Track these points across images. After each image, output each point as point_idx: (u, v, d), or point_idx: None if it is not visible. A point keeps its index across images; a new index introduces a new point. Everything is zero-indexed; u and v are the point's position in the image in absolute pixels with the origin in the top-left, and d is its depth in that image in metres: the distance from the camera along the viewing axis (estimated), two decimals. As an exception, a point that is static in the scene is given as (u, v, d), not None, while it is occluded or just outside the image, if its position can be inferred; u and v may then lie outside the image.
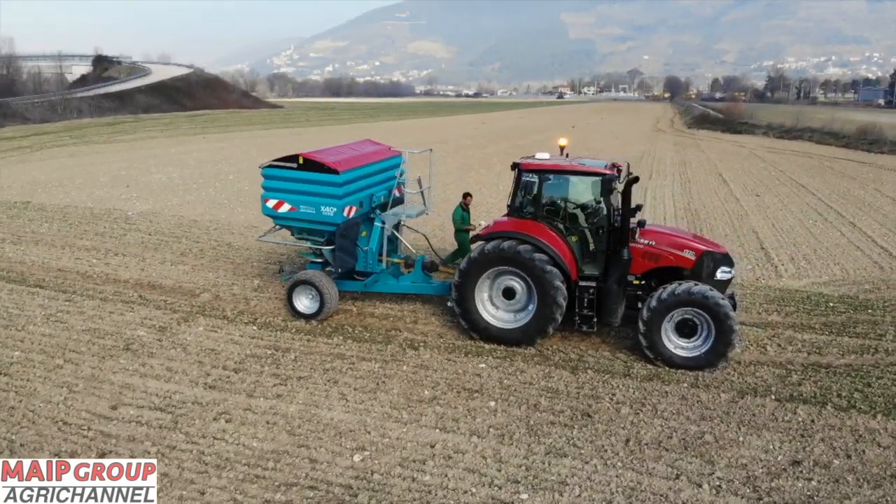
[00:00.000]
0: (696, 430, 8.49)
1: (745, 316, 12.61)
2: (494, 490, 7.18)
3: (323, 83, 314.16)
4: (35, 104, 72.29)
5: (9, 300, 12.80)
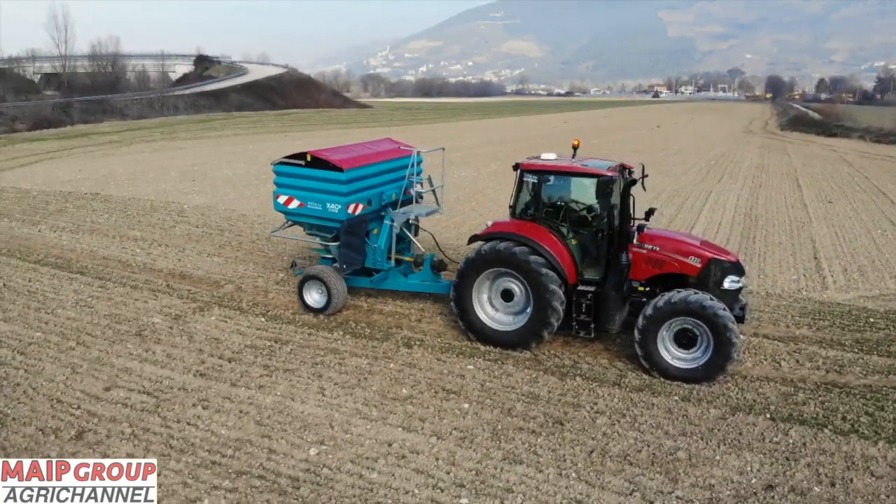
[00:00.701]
0: (671, 445, 8.10)
1: (772, 328, 11.92)
2: (436, 493, 7.11)
3: (415, 83, 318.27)
4: (134, 101, 76.82)
5: (48, 284, 13.71)
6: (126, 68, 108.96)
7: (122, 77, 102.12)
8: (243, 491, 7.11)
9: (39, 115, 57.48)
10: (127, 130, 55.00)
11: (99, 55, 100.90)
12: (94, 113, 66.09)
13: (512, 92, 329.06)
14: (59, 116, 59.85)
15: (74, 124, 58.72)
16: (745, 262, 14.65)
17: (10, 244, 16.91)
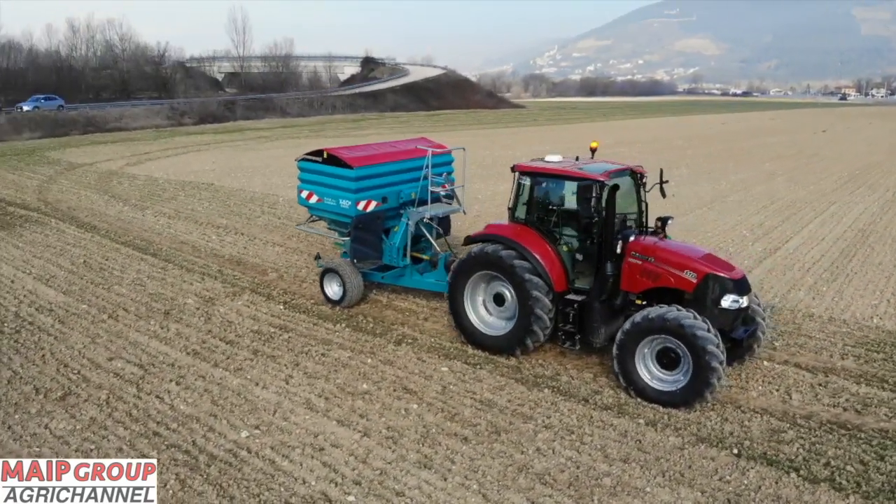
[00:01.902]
0: (603, 470, 7.56)
1: (810, 357, 10.68)
2: (329, 487, 7.18)
3: (579, 83, 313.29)
4: (296, 100, 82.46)
5: (120, 263, 15.29)
6: (297, 69, 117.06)
7: (292, 77, 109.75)
8: (164, 462, 7.59)
9: (206, 111, 63.57)
10: (280, 127, 59.19)
11: (270, 56, 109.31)
12: (257, 110, 71.96)
13: (683, 91, 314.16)
14: (224, 113, 65.79)
15: (236, 120, 64.31)
16: (765, 282, 13.32)
17: (112, 226, 19.00)
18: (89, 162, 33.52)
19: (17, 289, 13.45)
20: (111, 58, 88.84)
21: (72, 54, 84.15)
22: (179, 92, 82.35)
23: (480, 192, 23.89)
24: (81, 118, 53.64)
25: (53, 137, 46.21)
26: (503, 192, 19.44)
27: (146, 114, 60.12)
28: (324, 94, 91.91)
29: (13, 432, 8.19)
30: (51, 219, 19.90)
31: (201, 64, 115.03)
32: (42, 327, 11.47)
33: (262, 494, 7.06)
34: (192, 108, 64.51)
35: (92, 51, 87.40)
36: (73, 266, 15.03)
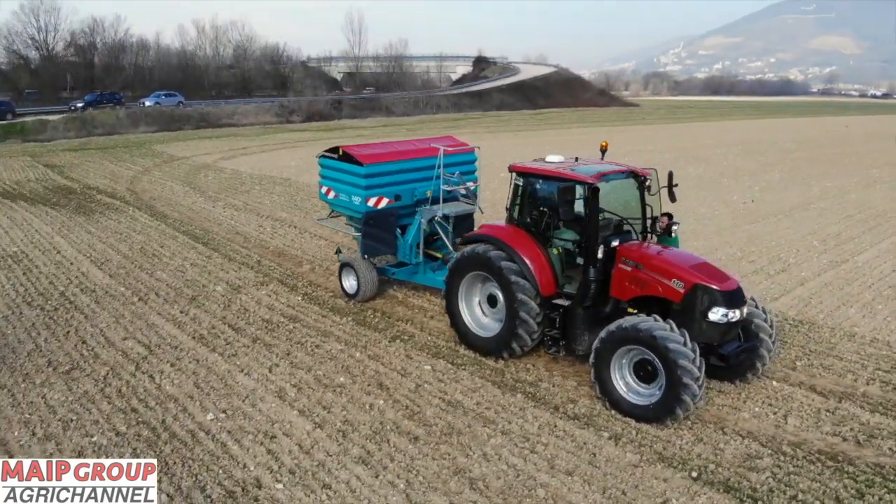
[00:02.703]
0: (543, 481, 7.31)
1: (831, 379, 9.85)
2: (264, 473, 7.38)
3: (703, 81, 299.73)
4: (402, 99, 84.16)
5: (172, 250, 16.30)
6: (410, 69, 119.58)
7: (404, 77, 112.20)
8: (129, 437, 8.07)
9: (313, 110, 66.13)
10: (381, 126, 60.60)
11: (384, 56, 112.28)
12: (364, 109, 74.07)
13: (818, 91, 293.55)
14: (331, 111, 68.21)
15: (341, 119, 66.49)
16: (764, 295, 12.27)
17: (182, 215, 20.26)
18: (188, 155, 35.83)
19: (72, 270, 14.65)
20: (233, 57, 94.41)
21: (196, 53, 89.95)
22: (298, 91, 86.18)
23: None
24: (196, 114, 57.32)
25: (167, 132, 49.65)
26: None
27: (257, 111, 63.35)
28: (430, 93, 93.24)
29: (14, 400, 8.96)
30: (129, 207, 21.49)
31: (321, 64, 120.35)
32: (78, 306, 12.44)
33: (201, 474, 7.36)
34: (300, 106, 67.31)
35: (215, 50, 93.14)
36: (130, 251, 16.17)
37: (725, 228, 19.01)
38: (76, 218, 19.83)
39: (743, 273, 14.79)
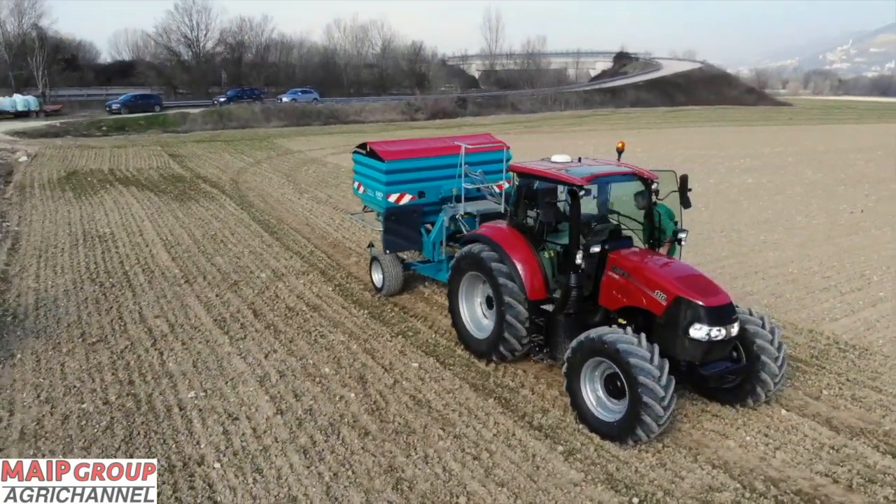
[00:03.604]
0: (472, 489, 7.13)
1: (853, 413, 8.84)
2: (208, 450, 7.71)
3: (870, 81, 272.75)
4: (531, 96, 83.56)
5: (238, 238, 17.31)
6: (547, 65, 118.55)
7: (540, 74, 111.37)
8: (113, 407, 8.72)
9: (438, 107, 67.22)
10: (500, 124, 60.50)
11: (520, 53, 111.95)
12: (489, 107, 74.39)
13: None
14: (456, 109, 69.05)
15: (465, 116, 67.15)
16: None
17: (266, 205, 21.45)
18: (303, 150, 37.71)
19: (144, 252, 15.96)
20: (372, 55, 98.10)
21: (337, 52, 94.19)
22: (434, 89, 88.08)
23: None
24: (326, 111, 60.14)
25: (296, 126, 52.50)
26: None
27: (384, 108, 65.40)
28: (560, 90, 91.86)
29: (37, 364, 9.95)
30: (224, 196, 23.01)
31: (460, 62, 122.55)
32: (132, 285, 13.55)
33: (154, 446, 7.83)
34: (426, 103, 68.69)
35: (355, 49, 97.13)
36: (202, 237, 17.35)
37: (813, 240, 17.34)
38: (171, 204, 21.55)
39: (810, 289, 13.53)
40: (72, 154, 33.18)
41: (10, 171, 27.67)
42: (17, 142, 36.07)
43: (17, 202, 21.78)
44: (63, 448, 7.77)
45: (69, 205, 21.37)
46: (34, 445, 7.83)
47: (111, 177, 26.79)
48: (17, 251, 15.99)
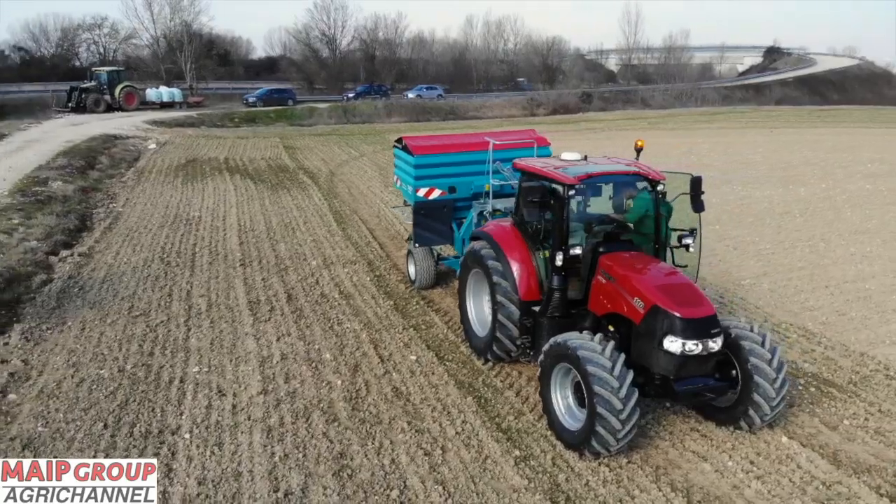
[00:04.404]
0: (411, 483, 7.17)
1: (866, 446, 8.00)
2: (186, 423, 8.24)
3: None
4: (664, 91, 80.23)
5: (309, 226, 18.11)
6: (688, 60, 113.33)
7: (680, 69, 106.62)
8: (126, 375, 9.51)
9: (560, 102, 66.24)
10: (621, 119, 58.70)
11: (656, 48, 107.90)
12: (616, 102, 72.34)
13: None
14: (579, 104, 67.72)
15: (587, 111, 65.74)
16: None
17: (350, 196, 22.34)
18: (409, 143, 38.49)
19: (218, 236, 17.10)
20: (502, 51, 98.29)
21: (468, 48, 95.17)
22: (568, 83, 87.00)
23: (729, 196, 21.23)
24: (447, 106, 60.97)
25: (415, 122, 53.59)
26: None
27: (505, 104, 65.34)
28: (697, 85, 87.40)
29: (81, 332, 10.97)
30: (315, 187, 24.06)
31: (598, 56, 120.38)
32: (194, 266, 14.58)
33: (142, 413, 8.46)
34: (548, 98, 67.91)
35: (486, 45, 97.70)
36: (276, 224, 18.31)
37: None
38: (264, 193, 22.86)
39: (880, 309, 12.33)
40: (197, 143, 35.96)
41: (136, 157, 30.45)
42: (152, 130, 39.58)
43: (130, 185, 24.00)
44: (67, 407, 8.59)
45: (174, 190, 23.25)
46: (45, 403, 8.71)
47: (223, 165, 28.76)
48: (111, 230, 17.67)
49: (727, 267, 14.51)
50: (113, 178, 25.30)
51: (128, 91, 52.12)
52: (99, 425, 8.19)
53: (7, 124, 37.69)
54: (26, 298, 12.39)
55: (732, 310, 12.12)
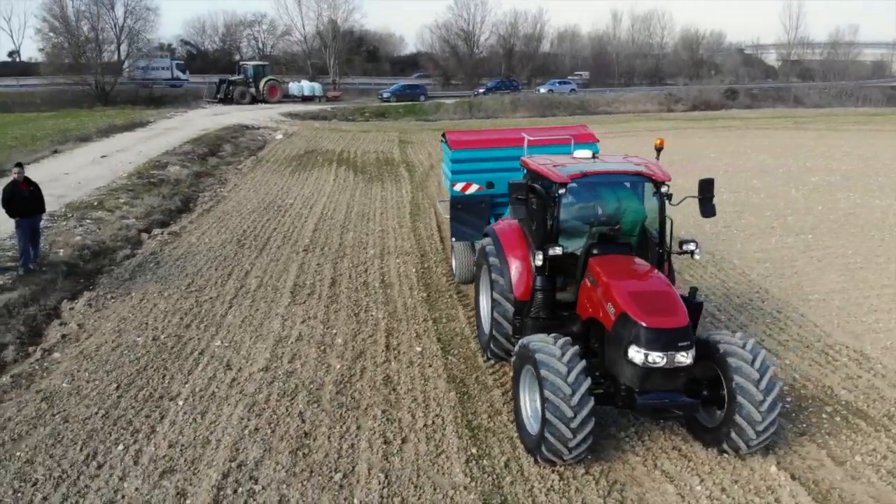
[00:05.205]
0: (331, 467, 7.36)
1: (865, 487, 7.20)
2: (187, 390, 8.91)
3: None
4: (821, 90, 73.85)
5: (382, 217, 18.70)
6: (857, 56, 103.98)
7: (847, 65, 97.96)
8: (158, 344, 10.40)
9: (701, 98, 62.89)
10: (766, 118, 54.69)
11: (818, 43, 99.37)
12: (764, 99, 67.48)
13: None
14: (723, 101, 63.93)
15: (730, 108, 61.91)
16: None
17: (438, 189, 22.59)
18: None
19: (299, 223, 18.06)
20: (648, 45, 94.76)
21: (610, 42, 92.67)
22: (721, 78, 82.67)
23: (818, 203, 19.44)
24: (576, 101, 59.82)
25: (538, 117, 53.11)
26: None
27: (640, 99, 63.06)
28: (859, 84, 79.57)
29: (139, 303, 12.09)
30: (407, 180, 24.66)
31: (753, 51, 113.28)
32: (264, 249, 15.52)
33: (152, 378, 9.25)
34: (688, 94, 64.69)
35: (630, 38, 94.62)
36: (355, 215, 19.04)
37: None
38: (359, 184, 23.77)
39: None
40: (320, 136, 37.90)
41: (261, 147, 32.65)
42: (284, 122, 42.18)
43: (244, 172, 25.84)
44: (95, 368, 9.57)
45: (280, 178, 24.76)
46: (79, 363, 9.74)
47: (335, 157, 30.15)
48: (208, 213, 19.20)
49: (800, 280, 13.30)
50: (230, 165, 27.35)
51: (271, 84, 55.85)
52: (112, 386, 9.05)
53: (157, 112, 41.83)
54: (107, 270, 13.83)
55: (784, 326, 11.16)
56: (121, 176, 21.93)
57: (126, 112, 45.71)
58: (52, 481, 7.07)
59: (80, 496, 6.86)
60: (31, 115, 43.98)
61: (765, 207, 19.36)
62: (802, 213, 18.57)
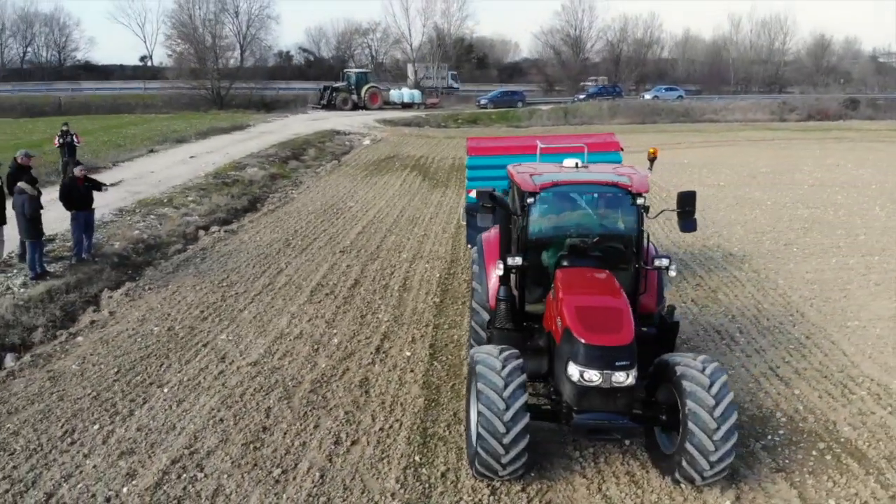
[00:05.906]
0: (273, 463, 7.54)
1: None
2: (179, 378, 9.43)
3: None
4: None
5: (431, 221, 18.88)
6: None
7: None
8: (172, 334, 11.09)
9: (817, 108, 58.83)
10: (890, 129, 50.45)
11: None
12: (889, 110, 62.10)
13: None
14: (843, 111, 59.50)
15: (851, 119, 57.52)
16: None
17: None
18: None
19: (348, 225, 18.56)
20: (767, 51, 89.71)
21: (726, 47, 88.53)
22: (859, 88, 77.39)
23: None
24: (680, 108, 57.57)
25: (638, 124, 51.38)
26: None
27: (750, 107, 59.72)
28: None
29: (171, 295, 12.89)
30: (446, 186, 24.64)
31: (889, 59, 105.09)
32: (306, 249, 16.09)
33: (150, 365, 9.84)
34: (804, 103, 60.69)
35: (748, 44, 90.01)
36: (405, 219, 19.32)
37: None
38: (423, 189, 24.08)
39: None
40: (406, 142, 38.64)
41: (346, 151, 33.74)
42: (375, 128, 43.31)
43: (321, 176, 26.82)
44: (106, 353, 10.30)
45: (351, 182, 25.50)
46: (94, 348, 10.51)
47: (411, 163, 30.65)
48: (271, 213, 20.13)
49: (847, 305, 12.23)
50: (310, 169, 28.46)
51: (372, 91, 57.52)
52: (113, 371, 9.72)
53: (260, 116, 44.13)
54: (155, 263, 14.81)
55: (807, 353, 10.33)
56: (199, 175, 23.35)
57: (235, 116, 48.58)
58: (27, 453, 7.69)
59: (46, 468, 7.41)
60: (149, 117, 47.64)
61: (838, 225, 17.90)
62: (878, 234, 17.02)
